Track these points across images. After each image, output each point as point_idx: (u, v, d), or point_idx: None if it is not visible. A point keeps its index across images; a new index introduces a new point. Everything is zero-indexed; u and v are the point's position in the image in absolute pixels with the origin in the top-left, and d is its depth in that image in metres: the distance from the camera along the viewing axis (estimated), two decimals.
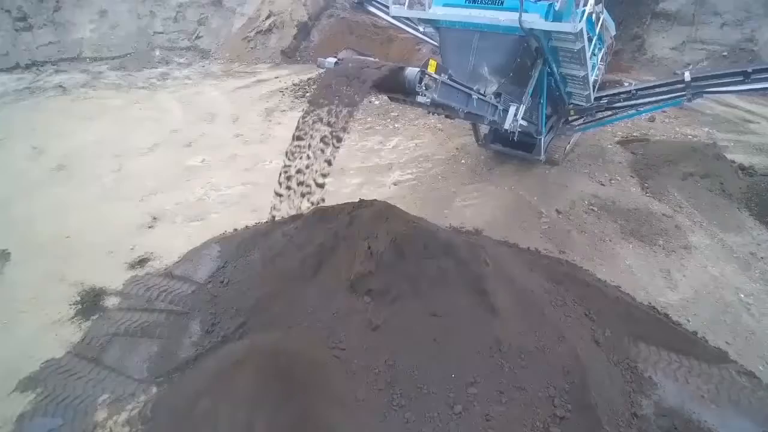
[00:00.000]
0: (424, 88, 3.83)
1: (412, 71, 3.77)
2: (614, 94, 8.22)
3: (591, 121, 9.01)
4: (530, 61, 5.93)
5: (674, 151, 9.47)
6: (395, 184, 8.63)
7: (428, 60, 3.93)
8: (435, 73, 3.93)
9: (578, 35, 5.12)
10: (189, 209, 7.85)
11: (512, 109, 5.66)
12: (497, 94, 5.50)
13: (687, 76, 7.46)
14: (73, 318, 5.78)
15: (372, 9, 9.71)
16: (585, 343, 4.89)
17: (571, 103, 8.32)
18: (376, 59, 4.57)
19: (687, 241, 7.31)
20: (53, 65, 17.57)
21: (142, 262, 6.58)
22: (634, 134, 11.19)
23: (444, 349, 4.33)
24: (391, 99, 4.86)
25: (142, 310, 5.64)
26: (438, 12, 6.01)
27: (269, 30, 17.81)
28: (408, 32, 9.74)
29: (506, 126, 5.74)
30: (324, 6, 18.35)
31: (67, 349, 5.33)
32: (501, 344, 4.40)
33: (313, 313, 4.61)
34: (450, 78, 4.26)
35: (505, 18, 5.27)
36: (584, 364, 4.58)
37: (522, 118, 6.17)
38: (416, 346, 4.32)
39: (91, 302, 5.97)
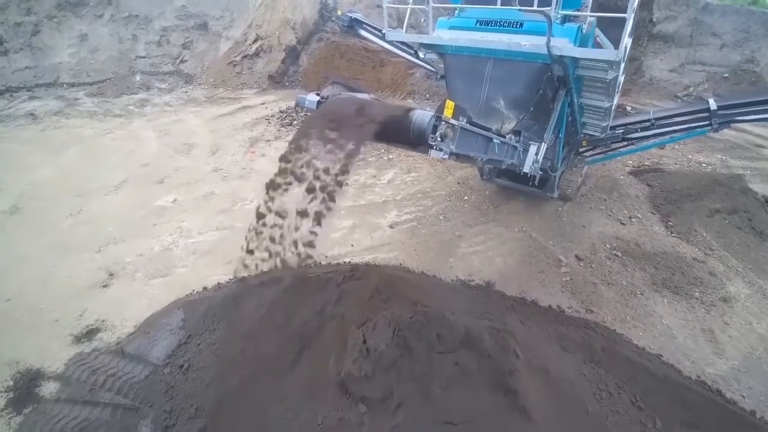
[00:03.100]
0: (439, 138, 2.86)
1: (423, 117, 2.79)
2: (630, 124, 7.42)
3: (603, 152, 8.20)
4: (552, 92, 5.03)
5: (695, 184, 8.65)
6: (392, 227, 7.63)
7: (444, 101, 2.97)
8: (452, 117, 2.95)
9: (615, 64, 4.27)
10: (152, 263, 6.76)
11: (533, 149, 4.70)
12: (516, 132, 4.56)
13: (712, 104, 6.75)
14: (2, 411, 4.73)
15: (363, 33, 9.08)
16: None
17: (584, 134, 7.50)
18: (371, 95, 3.67)
19: (725, 291, 6.41)
20: (28, 91, 16.83)
21: (90, 333, 5.47)
22: (646, 163, 10.48)
23: None
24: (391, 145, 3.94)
25: (83, 403, 4.53)
26: (444, 36, 5.07)
27: (256, 54, 17.12)
28: (401, 56, 8.98)
29: (526, 169, 4.78)
30: (313, 30, 17.71)
31: None
32: None
33: (291, 419, 3.56)
34: (469, 121, 3.29)
35: (528, 43, 4.36)
36: None
37: None
38: None
39: (25, 389, 4.91)
